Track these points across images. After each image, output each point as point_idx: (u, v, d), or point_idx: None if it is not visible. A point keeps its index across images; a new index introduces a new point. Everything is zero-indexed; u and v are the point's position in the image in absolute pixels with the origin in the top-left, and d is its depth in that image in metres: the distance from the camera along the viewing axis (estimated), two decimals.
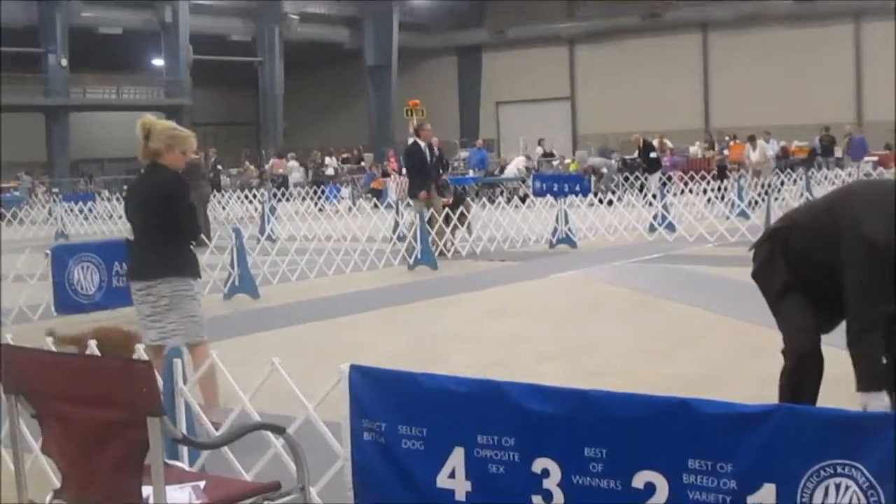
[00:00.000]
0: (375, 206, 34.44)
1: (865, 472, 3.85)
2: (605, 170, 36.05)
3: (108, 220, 31.88)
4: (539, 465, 4.49)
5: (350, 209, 33.78)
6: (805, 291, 6.00)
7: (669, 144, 40.19)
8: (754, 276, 6.35)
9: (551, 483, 4.46)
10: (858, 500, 3.86)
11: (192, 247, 8.18)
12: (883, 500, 3.81)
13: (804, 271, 5.98)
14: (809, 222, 6.08)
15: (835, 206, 5.91)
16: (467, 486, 4.71)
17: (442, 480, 4.77)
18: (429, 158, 20.23)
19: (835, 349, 6.25)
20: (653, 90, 56.55)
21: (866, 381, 5.59)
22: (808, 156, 39.83)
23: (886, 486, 3.81)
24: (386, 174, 40.87)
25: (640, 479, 4.26)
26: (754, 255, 6.36)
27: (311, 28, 60.93)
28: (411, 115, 38.61)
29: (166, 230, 7.91)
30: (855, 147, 36.99)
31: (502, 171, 42.21)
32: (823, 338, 6.16)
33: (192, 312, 7.96)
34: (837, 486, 3.91)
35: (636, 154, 35.01)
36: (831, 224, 5.77)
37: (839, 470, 3.90)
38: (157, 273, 7.85)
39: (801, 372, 6.02)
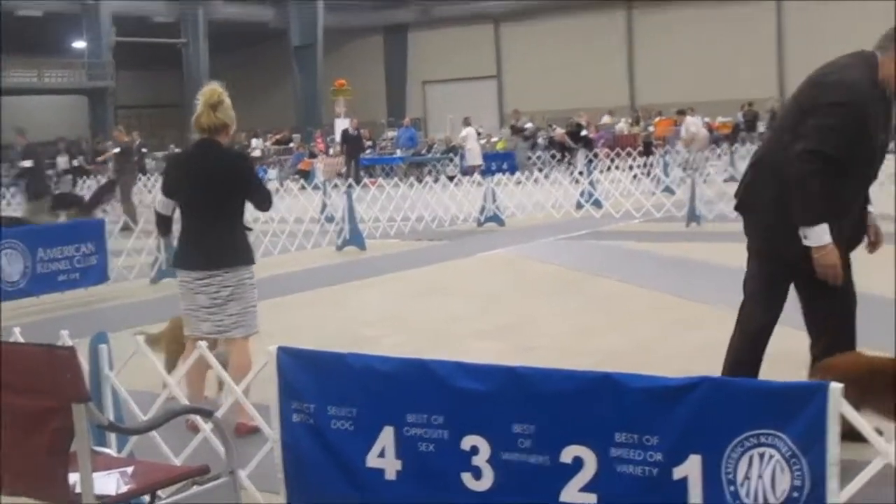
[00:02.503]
0: (303, 187, 34.26)
1: (788, 441, 3.91)
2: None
3: None
4: (468, 442, 4.52)
5: (277, 190, 33.53)
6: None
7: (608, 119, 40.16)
8: (737, 208, 6.47)
9: (480, 460, 4.49)
10: (781, 468, 3.93)
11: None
12: (805, 469, 3.88)
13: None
14: (779, 122, 6.31)
15: (801, 90, 6.21)
16: (397, 465, 4.72)
17: (372, 460, 4.77)
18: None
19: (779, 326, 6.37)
20: (579, 67, 56.69)
21: (810, 215, 5.88)
22: (732, 131, 40.26)
23: (809, 454, 3.88)
24: (313, 155, 40.69)
25: (568, 454, 4.30)
26: (739, 187, 6.50)
27: (236, 8, 60.35)
28: (337, 95, 38.43)
29: (234, 213, 7.42)
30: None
31: (429, 150, 42.15)
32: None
33: (253, 302, 7.47)
34: (761, 456, 3.98)
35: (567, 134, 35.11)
36: (797, 102, 6.12)
37: (762, 440, 3.96)
38: (225, 261, 7.30)
39: (751, 351, 6.15)
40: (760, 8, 52.42)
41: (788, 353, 6.35)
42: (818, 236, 5.86)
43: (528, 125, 41.92)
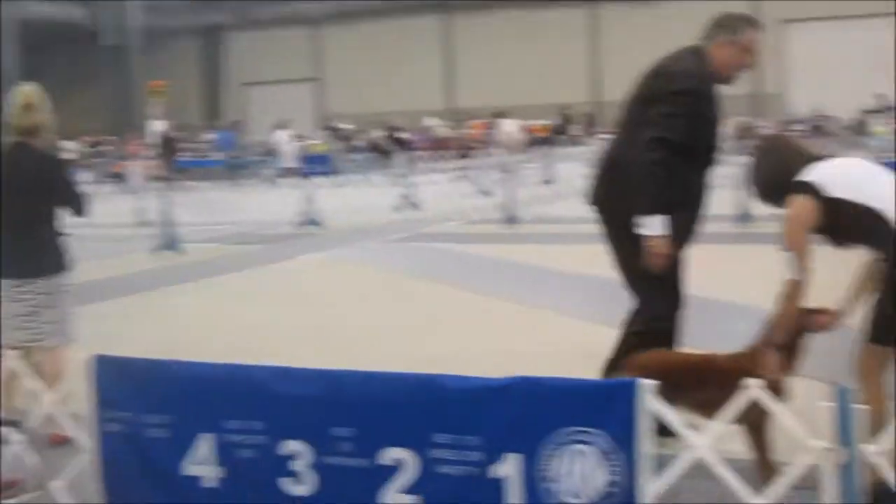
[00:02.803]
0: (118, 190, 33.60)
1: (603, 437, 4.01)
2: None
3: None
4: (288, 447, 4.50)
5: (91, 194, 32.76)
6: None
7: None
8: (595, 210, 6.56)
9: (301, 465, 4.47)
10: (597, 465, 4.02)
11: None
12: (620, 464, 3.98)
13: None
14: (623, 119, 6.49)
15: (642, 84, 6.36)
16: (216, 472, 4.67)
17: (190, 468, 4.71)
18: None
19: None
20: (397, 70, 56.95)
21: (650, 205, 6.04)
22: (549, 134, 40.95)
23: (623, 450, 3.98)
24: (128, 157, 39.88)
25: (388, 457, 4.31)
26: (593, 189, 6.58)
27: (47, 7, 58.71)
28: (153, 96, 37.75)
29: (48, 219, 7.23)
30: None
31: (248, 152, 41.78)
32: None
33: (69, 310, 7.32)
34: (579, 453, 4.06)
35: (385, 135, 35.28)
36: (639, 96, 6.29)
37: (579, 437, 4.05)
38: (40, 268, 7.13)
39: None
40: (575, 13, 53.52)
41: (604, 350, 6.48)
42: (654, 226, 6.02)
43: (346, 127, 41.93)
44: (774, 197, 5.59)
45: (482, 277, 13.76)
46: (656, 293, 6.29)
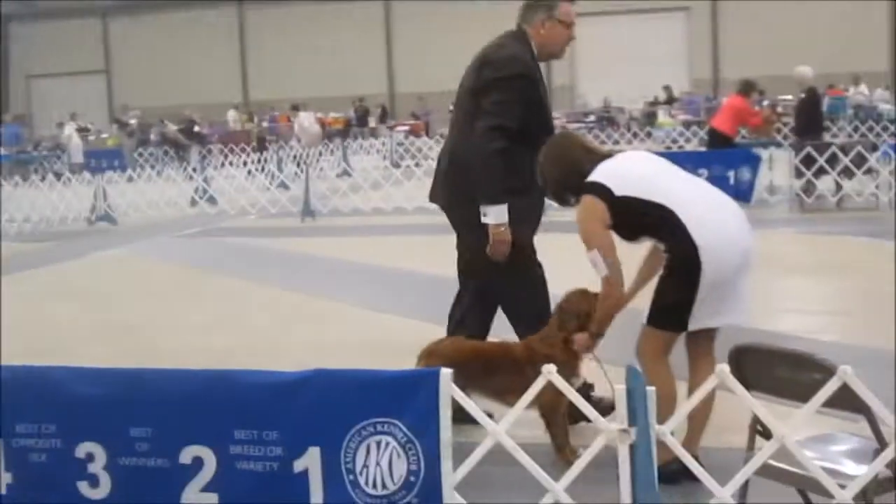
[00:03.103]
0: None
1: (403, 427, 4.03)
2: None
3: None
4: (83, 449, 4.37)
5: None
6: None
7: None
8: (442, 207, 6.57)
9: (97, 467, 4.36)
10: (398, 454, 4.04)
11: None
12: (420, 452, 4.02)
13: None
14: (456, 113, 6.54)
15: (470, 74, 6.40)
16: (7, 478, 4.51)
17: None
18: None
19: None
20: (191, 62, 56.05)
21: (492, 194, 6.08)
22: (344, 126, 40.98)
23: (423, 438, 4.01)
24: None
25: (187, 455, 4.24)
26: (434, 185, 6.59)
27: None
28: None
29: None
30: None
31: (36, 147, 40.57)
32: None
33: None
34: (378, 444, 4.07)
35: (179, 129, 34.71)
36: (469, 87, 6.33)
37: (379, 428, 4.06)
38: None
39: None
40: (369, 6, 53.62)
41: (401, 340, 6.52)
42: (498, 214, 6.06)
43: (133, 121, 41.01)
44: (564, 196, 5.68)
45: (279, 271, 13.71)
46: (527, 287, 6.34)
